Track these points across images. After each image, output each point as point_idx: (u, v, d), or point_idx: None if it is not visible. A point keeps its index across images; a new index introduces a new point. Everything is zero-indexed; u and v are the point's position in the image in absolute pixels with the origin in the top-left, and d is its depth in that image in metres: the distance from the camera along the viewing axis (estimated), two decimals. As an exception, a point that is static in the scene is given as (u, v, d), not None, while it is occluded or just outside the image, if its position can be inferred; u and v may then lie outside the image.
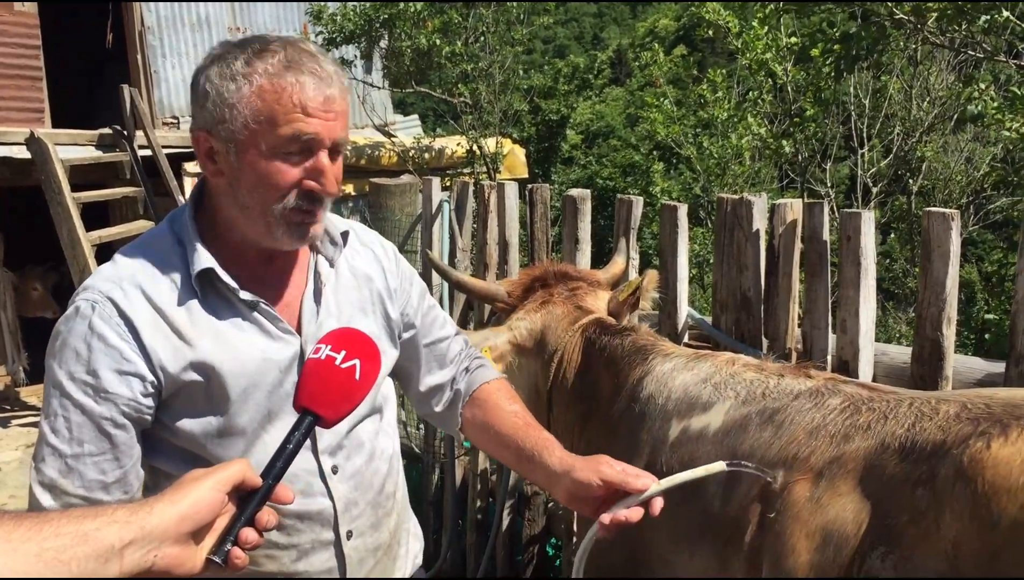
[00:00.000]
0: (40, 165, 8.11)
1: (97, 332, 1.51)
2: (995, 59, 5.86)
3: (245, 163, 1.53)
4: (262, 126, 1.50)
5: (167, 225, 1.66)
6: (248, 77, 1.50)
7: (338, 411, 1.34)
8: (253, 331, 1.62)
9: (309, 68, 1.52)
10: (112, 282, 1.55)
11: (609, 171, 20.53)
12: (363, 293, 1.80)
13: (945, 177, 10.66)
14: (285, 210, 1.54)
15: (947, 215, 2.51)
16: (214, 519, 1.19)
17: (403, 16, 9.56)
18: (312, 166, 1.53)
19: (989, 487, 1.41)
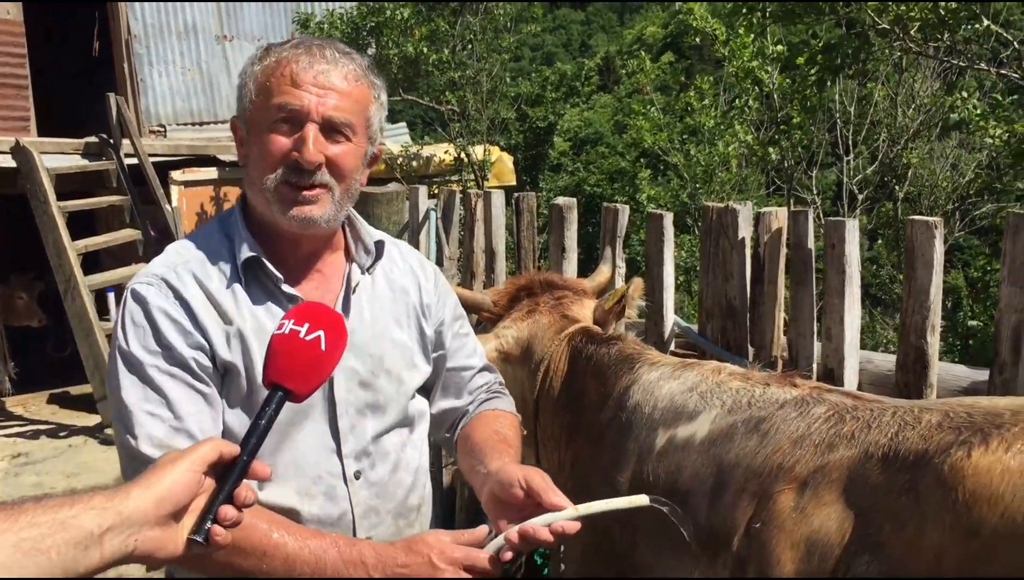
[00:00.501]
0: (26, 174, 8.07)
1: (160, 308, 1.57)
2: (977, 67, 5.90)
3: (252, 139, 1.62)
4: (260, 99, 1.59)
5: (216, 222, 1.74)
6: (263, 60, 1.61)
7: (308, 383, 1.34)
8: None
9: (311, 48, 1.60)
10: (166, 267, 1.63)
11: (597, 178, 20.56)
12: (398, 306, 1.82)
13: (931, 183, 10.71)
14: (276, 183, 1.58)
15: (930, 223, 2.53)
16: (192, 499, 1.19)
17: (390, 24, 9.56)
18: (299, 136, 1.57)
19: (970, 496, 1.42)
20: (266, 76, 1.59)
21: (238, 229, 1.67)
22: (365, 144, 1.69)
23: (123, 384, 1.54)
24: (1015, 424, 1.46)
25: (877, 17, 5.75)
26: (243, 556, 1.45)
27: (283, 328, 1.36)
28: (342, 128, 1.61)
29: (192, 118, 10.89)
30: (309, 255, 1.72)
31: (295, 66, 1.57)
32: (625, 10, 57.29)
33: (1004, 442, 1.44)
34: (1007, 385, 2.42)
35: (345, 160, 1.62)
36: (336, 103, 1.59)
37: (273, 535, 1.48)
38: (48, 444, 7.90)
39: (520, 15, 11.25)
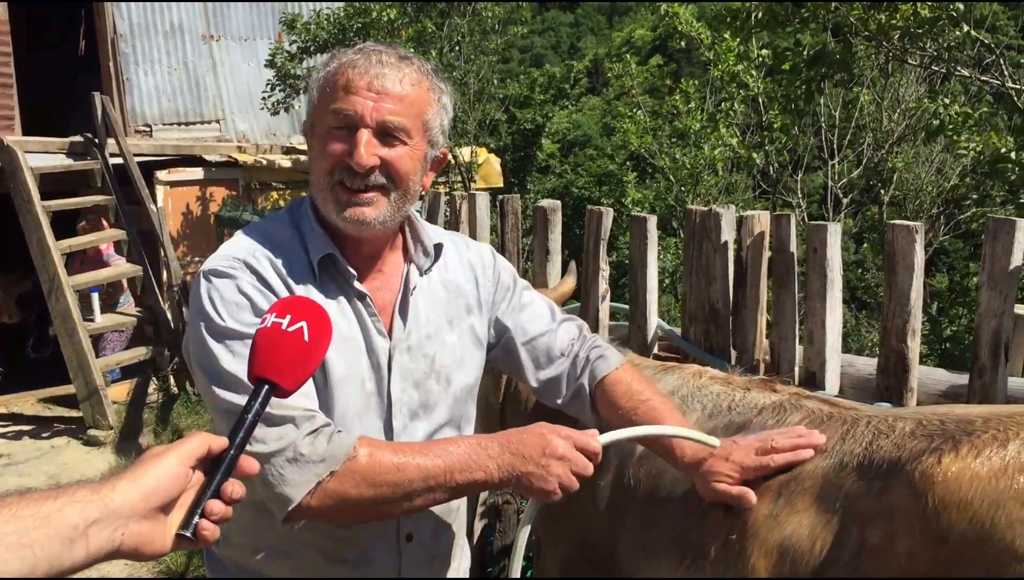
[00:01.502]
0: (9, 173, 8.03)
1: (250, 283, 1.61)
2: (958, 73, 5.93)
3: (314, 143, 1.67)
4: (321, 105, 1.64)
5: (286, 213, 1.77)
6: (327, 66, 1.67)
7: (294, 377, 1.33)
8: (356, 322, 1.70)
9: (369, 54, 1.64)
10: (245, 251, 1.66)
11: (585, 181, 20.57)
12: (451, 306, 1.85)
13: (916, 188, 10.77)
14: (331, 183, 1.63)
15: (911, 228, 2.54)
16: (180, 493, 1.17)
17: (376, 25, 9.53)
18: (353, 140, 1.61)
19: (939, 502, 1.43)
20: (326, 82, 1.64)
21: (310, 224, 1.70)
22: (424, 147, 1.71)
23: (223, 359, 1.55)
24: (985, 431, 1.48)
25: (861, 25, 5.78)
26: (379, 478, 1.50)
27: (265, 321, 1.36)
28: (396, 132, 1.64)
29: (178, 118, 10.85)
30: (371, 255, 1.75)
31: (351, 72, 1.62)
32: (614, 13, 57.41)
33: (974, 448, 1.45)
34: (987, 389, 2.44)
35: (400, 163, 1.65)
36: (391, 107, 1.62)
37: (400, 451, 1.53)
38: (31, 445, 7.84)
39: (508, 17, 11.24)
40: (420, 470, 1.51)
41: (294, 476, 1.50)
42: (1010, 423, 1.47)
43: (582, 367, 1.96)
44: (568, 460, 1.55)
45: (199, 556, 5.21)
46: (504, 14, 11.00)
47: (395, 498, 1.52)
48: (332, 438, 1.52)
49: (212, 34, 11.09)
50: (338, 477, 1.50)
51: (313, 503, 1.51)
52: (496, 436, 1.58)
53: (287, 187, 10.97)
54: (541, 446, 1.55)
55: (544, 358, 1.98)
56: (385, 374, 1.72)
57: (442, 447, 1.56)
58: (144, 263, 8.87)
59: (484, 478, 1.53)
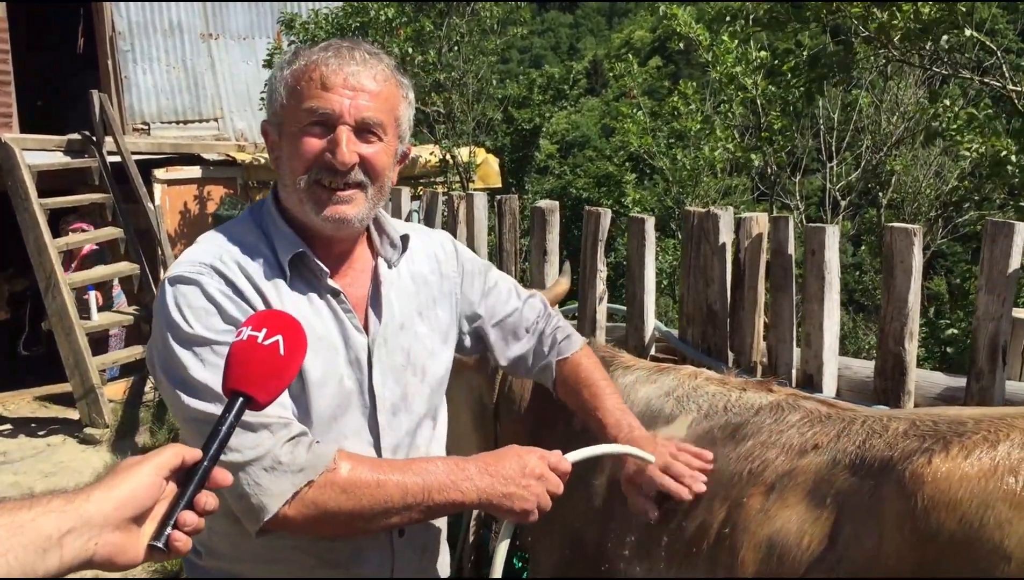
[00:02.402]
0: (7, 171, 8.02)
1: (218, 289, 1.58)
2: (959, 76, 5.93)
3: (284, 142, 1.64)
4: (292, 103, 1.61)
5: (248, 214, 1.75)
6: (291, 64, 1.63)
7: (268, 390, 1.32)
8: (331, 320, 1.68)
9: (340, 50, 1.63)
10: (211, 255, 1.62)
11: (584, 181, 20.57)
12: (420, 297, 1.85)
13: (914, 190, 10.76)
14: (309, 183, 1.61)
15: (909, 230, 2.53)
16: (154, 504, 1.17)
17: (375, 24, 9.52)
18: (332, 138, 1.59)
19: (928, 501, 1.44)
20: (296, 80, 1.61)
21: (277, 225, 1.68)
22: (396, 142, 1.72)
23: (192, 367, 1.53)
24: (976, 432, 1.48)
25: (862, 25, 5.77)
26: (358, 491, 1.49)
27: (241, 334, 1.35)
28: (374, 128, 1.64)
29: (176, 116, 10.83)
30: (342, 252, 1.74)
31: (324, 69, 1.59)
32: (613, 14, 57.45)
33: (964, 449, 1.46)
34: (984, 393, 2.43)
35: (378, 159, 1.65)
36: (367, 104, 1.62)
37: (379, 468, 1.53)
38: (27, 443, 7.83)
39: (508, 17, 11.23)
40: (399, 487, 1.51)
41: (271, 485, 1.48)
42: (1001, 424, 1.48)
43: (549, 345, 2.06)
44: (545, 479, 1.58)
45: (194, 556, 5.19)
46: (503, 14, 10.98)
47: (372, 514, 1.51)
48: (312, 447, 1.51)
49: (211, 33, 11.08)
50: (317, 487, 1.48)
51: (290, 513, 1.49)
52: (472, 459, 1.58)
53: (285, 186, 10.93)
54: (520, 467, 1.57)
55: (512, 336, 2.05)
56: (366, 370, 1.71)
57: (421, 466, 1.55)
58: (142, 261, 8.86)
59: (461, 499, 1.54)
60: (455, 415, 2.81)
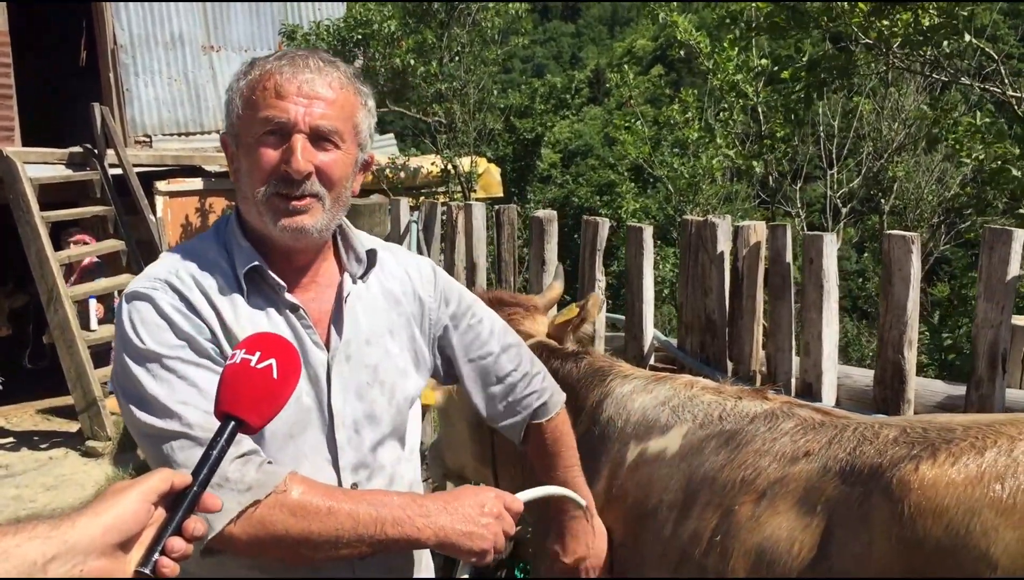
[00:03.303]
0: (8, 184, 8.03)
1: (171, 304, 1.55)
2: (959, 82, 5.92)
3: (241, 153, 1.61)
4: (247, 113, 1.58)
5: (212, 231, 1.72)
6: (247, 74, 1.60)
7: (261, 413, 1.31)
8: (289, 336, 1.62)
9: (294, 59, 1.60)
10: (167, 271, 1.60)
11: (586, 191, 20.58)
12: (392, 316, 1.79)
13: (916, 197, 10.74)
14: (267, 195, 1.58)
15: (907, 238, 2.52)
16: (141, 529, 1.16)
17: (377, 36, 9.54)
18: (285, 148, 1.56)
19: (915, 508, 1.43)
20: (251, 90, 1.58)
21: (236, 240, 1.65)
22: (355, 151, 1.68)
23: (145, 382, 1.51)
24: (964, 438, 1.48)
25: (862, 33, 5.77)
26: (308, 516, 1.46)
27: (234, 357, 1.33)
28: (330, 136, 1.60)
29: (178, 128, 10.85)
30: (304, 266, 1.70)
31: (279, 77, 1.57)
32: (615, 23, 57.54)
33: (951, 456, 1.45)
34: (984, 401, 2.42)
35: (334, 168, 1.61)
36: (322, 111, 1.59)
37: (332, 496, 1.50)
38: (29, 456, 7.82)
39: (509, 27, 11.25)
40: (351, 517, 1.48)
41: None
42: (988, 431, 1.47)
43: (522, 406, 1.97)
44: (502, 518, 1.57)
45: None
46: (504, 25, 11.01)
47: (321, 541, 1.47)
48: (262, 467, 1.48)
49: (212, 45, 11.11)
50: (265, 507, 1.45)
51: (236, 532, 1.45)
52: (430, 496, 1.56)
53: (287, 197, 10.95)
54: (479, 505, 1.55)
55: (483, 379, 1.95)
56: (324, 386, 1.66)
57: (377, 498, 1.53)
58: (143, 273, 8.85)
59: (416, 535, 1.51)
60: (452, 425, 2.80)
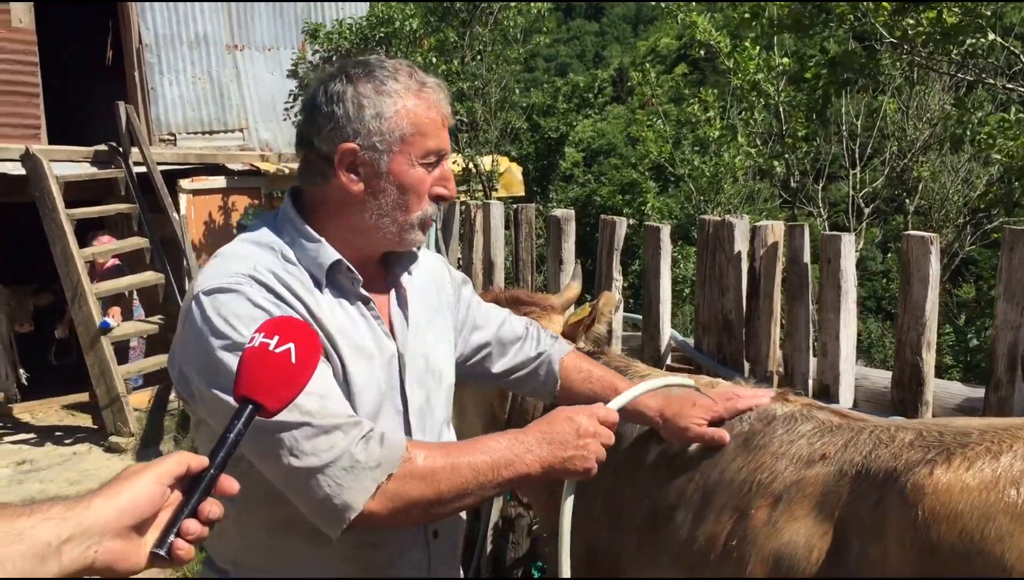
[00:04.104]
0: (34, 182, 8.12)
1: (264, 297, 1.58)
2: (984, 81, 5.85)
3: (394, 173, 1.66)
4: (416, 138, 1.65)
5: (265, 227, 1.74)
6: (400, 93, 1.65)
7: (279, 398, 1.32)
8: (364, 327, 1.71)
9: (436, 84, 1.71)
10: (245, 266, 1.63)
11: (608, 190, 20.53)
12: (430, 304, 1.90)
13: (941, 197, 10.64)
14: (423, 217, 1.70)
15: (926, 239, 2.49)
16: (156, 512, 1.17)
17: (399, 35, 9.57)
18: (440, 174, 1.70)
19: (929, 514, 1.42)
20: (419, 116, 1.66)
21: (304, 235, 1.69)
22: None
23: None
24: (980, 443, 1.46)
25: (886, 32, 5.72)
26: (436, 478, 1.52)
27: (253, 341, 1.34)
28: None
29: (202, 127, 10.93)
30: (371, 263, 1.79)
31: (443, 108, 1.69)
32: (639, 21, 57.36)
33: (966, 460, 1.43)
34: (1003, 403, 2.38)
35: None
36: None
37: (450, 452, 1.56)
38: (53, 451, 7.92)
39: (531, 26, 11.25)
40: (472, 469, 1.53)
41: (353, 483, 1.49)
42: (1004, 435, 1.45)
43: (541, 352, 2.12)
44: (599, 435, 1.62)
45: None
46: (527, 23, 11.00)
47: (451, 497, 1.53)
48: (384, 441, 1.52)
49: (236, 44, 11.18)
50: (398, 479, 1.50)
51: (375, 508, 1.50)
52: (528, 430, 1.61)
53: (309, 195, 10.99)
54: (574, 429, 1.60)
55: (504, 346, 2.09)
56: (397, 374, 1.74)
57: (484, 445, 1.58)
58: (167, 271, 8.93)
59: (527, 471, 1.57)
60: (468, 424, 2.81)
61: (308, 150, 1.69)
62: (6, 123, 9.29)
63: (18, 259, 10.09)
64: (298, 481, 1.50)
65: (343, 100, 1.64)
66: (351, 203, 1.68)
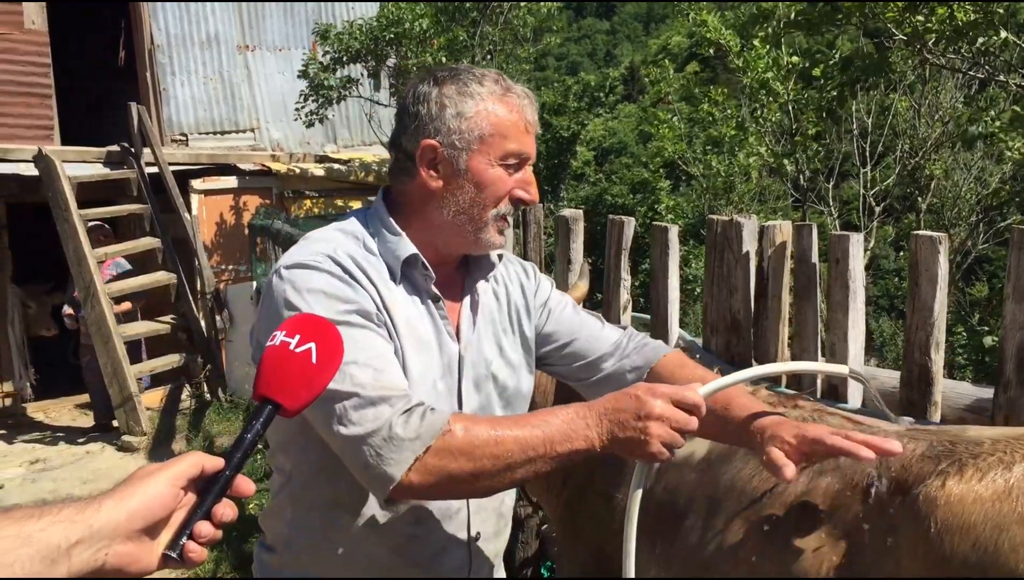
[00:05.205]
0: (47, 182, 8.17)
1: (338, 275, 1.62)
2: (996, 79, 5.82)
3: (472, 171, 1.69)
4: (495, 139, 1.69)
5: (354, 218, 1.80)
6: (482, 96, 1.70)
7: (298, 398, 1.30)
8: (430, 324, 1.73)
9: (523, 92, 1.75)
10: (328, 248, 1.67)
11: (620, 189, 20.51)
12: (503, 313, 1.90)
13: (954, 195, 10.58)
14: (498, 216, 1.72)
15: (934, 238, 2.48)
16: (169, 514, 1.15)
17: (409, 35, 9.58)
18: (523, 178, 1.73)
19: (942, 525, 1.40)
20: (500, 118, 1.70)
21: (388, 229, 1.74)
22: None
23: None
24: (992, 453, 1.44)
25: (896, 29, 5.69)
26: (477, 451, 1.50)
27: (274, 339, 1.33)
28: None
29: (214, 127, 10.97)
30: (448, 264, 1.81)
31: (527, 114, 1.73)
32: (650, 20, 57.27)
33: (979, 471, 1.42)
34: (1012, 404, 2.37)
35: None
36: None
37: (497, 425, 1.54)
38: (66, 450, 7.97)
39: (541, 25, 11.24)
40: (518, 442, 1.50)
41: (391, 455, 1.50)
42: (1017, 445, 1.44)
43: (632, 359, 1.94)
44: (667, 418, 1.49)
45: (227, 563, 5.24)
46: (537, 23, 11.00)
47: (495, 471, 1.50)
48: (425, 415, 1.52)
49: (247, 44, 11.22)
50: (436, 452, 1.49)
51: (414, 480, 1.50)
52: (594, 404, 1.54)
53: (320, 195, 11.04)
54: (635, 410, 1.50)
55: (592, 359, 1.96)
56: (456, 376, 1.76)
57: (540, 418, 1.54)
58: (179, 271, 8.97)
59: (585, 447, 1.51)
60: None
61: (397, 150, 1.75)
62: (19, 124, 9.35)
63: (31, 259, 10.15)
64: (347, 448, 1.52)
65: (428, 100, 1.70)
66: (431, 199, 1.72)
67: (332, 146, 11.81)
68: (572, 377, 2.00)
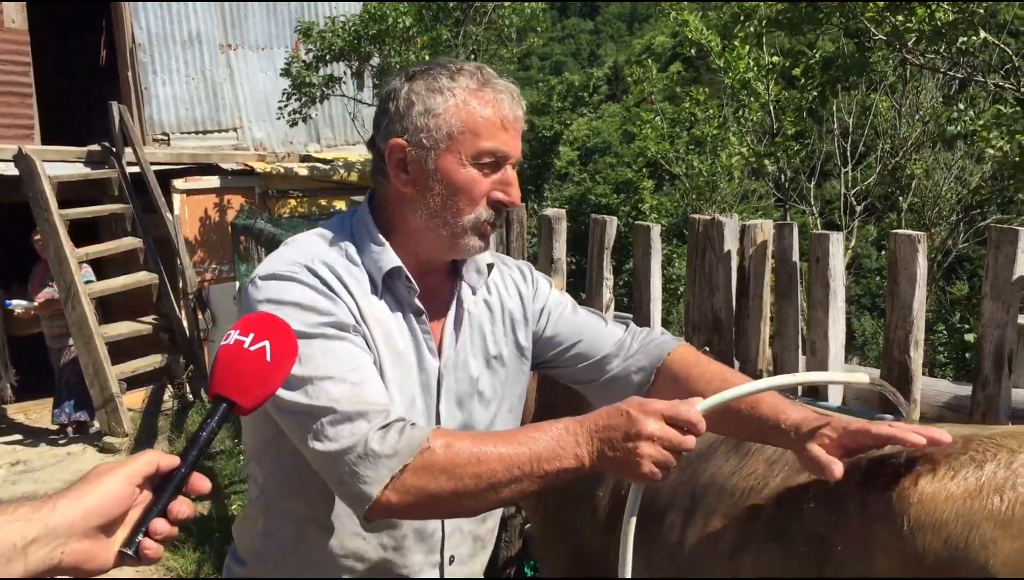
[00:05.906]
0: (28, 182, 8.13)
1: (313, 285, 1.55)
2: (975, 79, 5.87)
3: (441, 171, 1.59)
4: (465, 136, 1.58)
5: (337, 225, 1.72)
6: (453, 91, 1.59)
7: (252, 396, 1.29)
8: (409, 339, 1.65)
9: (503, 87, 1.62)
10: (304, 257, 1.60)
11: (603, 188, 20.54)
12: (497, 325, 1.81)
13: (935, 194, 10.67)
14: (478, 221, 1.61)
15: (913, 237, 2.50)
16: (123, 512, 1.16)
17: (392, 33, 9.57)
18: (501, 179, 1.61)
19: (915, 523, 1.41)
20: (471, 114, 1.59)
21: (371, 238, 1.66)
22: None
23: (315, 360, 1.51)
24: (964, 452, 1.46)
25: (875, 28, 5.73)
26: (458, 470, 1.42)
27: (229, 338, 1.32)
28: (517, 163, 1.66)
29: (196, 127, 10.93)
30: (433, 276, 1.73)
31: (504, 109, 1.60)
32: (634, 20, 57.41)
33: (951, 469, 1.43)
34: (990, 401, 2.40)
35: None
36: (521, 146, 1.66)
37: (480, 441, 1.45)
38: (47, 452, 7.91)
39: (525, 25, 11.25)
40: (503, 460, 1.42)
41: (367, 472, 1.43)
42: (989, 444, 1.45)
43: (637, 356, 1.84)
44: (659, 438, 1.39)
45: (209, 563, 5.22)
46: (521, 22, 11.00)
47: (478, 490, 1.43)
48: (404, 431, 1.45)
49: (230, 43, 11.18)
50: (414, 470, 1.42)
51: (392, 499, 1.43)
52: (585, 419, 1.44)
53: (304, 195, 11.02)
54: (625, 429, 1.39)
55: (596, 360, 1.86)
56: (434, 394, 1.69)
57: (527, 435, 1.45)
58: (160, 271, 8.93)
59: (575, 466, 1.42)
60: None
61: (374, 150, 1.68)
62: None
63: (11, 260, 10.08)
64: (324, 465, 1.47)
65: (397, 97, 1.62)
66: (405, 203, 1.64)
67: (315, 145, 11.78)
68: (578, 379, 1.90)
